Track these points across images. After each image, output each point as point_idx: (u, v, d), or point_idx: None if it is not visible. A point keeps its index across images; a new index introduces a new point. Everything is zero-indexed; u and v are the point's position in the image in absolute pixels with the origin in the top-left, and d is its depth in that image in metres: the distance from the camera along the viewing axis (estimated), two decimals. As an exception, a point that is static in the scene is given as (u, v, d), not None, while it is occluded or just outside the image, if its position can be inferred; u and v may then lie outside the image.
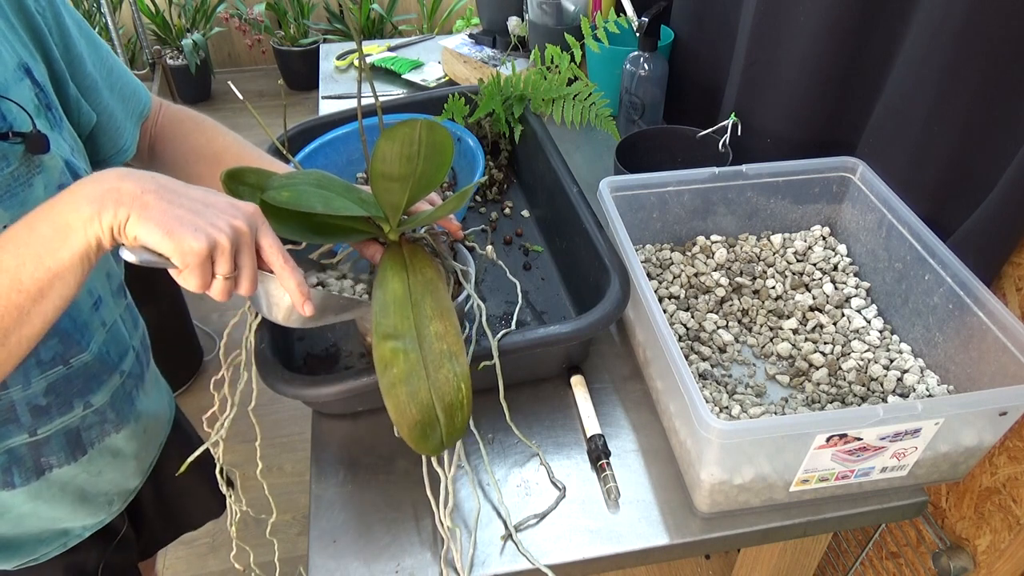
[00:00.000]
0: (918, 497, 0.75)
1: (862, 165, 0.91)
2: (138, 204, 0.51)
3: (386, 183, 0.64)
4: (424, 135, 0.61)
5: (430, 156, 0.63)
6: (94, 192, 0.52)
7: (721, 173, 0.92)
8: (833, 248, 0.96)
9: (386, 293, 0.67)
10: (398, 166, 0.62)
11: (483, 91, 1.16)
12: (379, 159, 0.62)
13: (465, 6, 3.31)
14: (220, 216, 0.54)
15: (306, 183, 0.67)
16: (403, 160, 0.62)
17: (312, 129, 1.09)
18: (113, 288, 0.75)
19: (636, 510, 0.73)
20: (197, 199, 0.54)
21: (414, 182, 0.65)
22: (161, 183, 0.53)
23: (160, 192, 0.53)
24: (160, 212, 0.52)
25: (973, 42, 0.74)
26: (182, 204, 0.53)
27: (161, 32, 3.31)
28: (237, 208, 0.56)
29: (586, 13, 1.37)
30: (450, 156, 0.64)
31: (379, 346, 0.64)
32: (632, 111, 1.23)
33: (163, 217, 0.52)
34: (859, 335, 0.86)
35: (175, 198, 0.53)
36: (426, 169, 0.64)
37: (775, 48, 0.99)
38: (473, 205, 1.15)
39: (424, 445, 0.62)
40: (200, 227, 0.52)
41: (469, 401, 0.64)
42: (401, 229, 0.71)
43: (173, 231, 0.51)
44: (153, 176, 0.54)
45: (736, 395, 0.80)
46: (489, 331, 0.72)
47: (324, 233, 0.69)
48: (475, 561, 0.69)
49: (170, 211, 0.52)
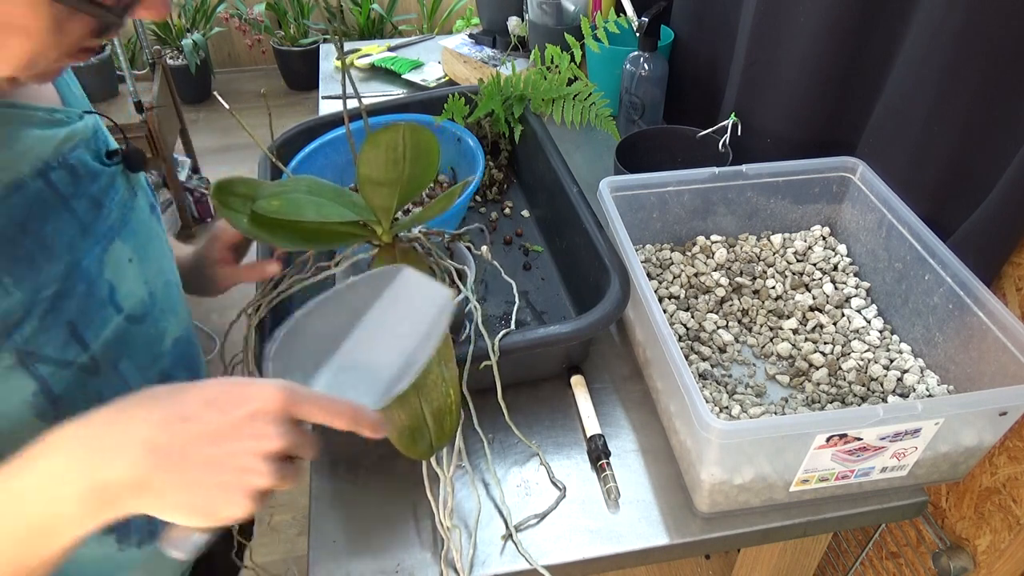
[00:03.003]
0: (918, 497, 0.75)
1: (862, 165, 0.91)
2: (144, 495, 0.42)
3: (374, 187, 0.64)
4: (408, 138, 0.60)
5: (416, 158, 0.63)
6: (75, 488, 0.42)
7: (721, 173, 0.92)
8: (833, 248, 0.96)
9: None
10: (384, 171, 0.62)
11: (483, 91, 1.15)
12: (365, 164, 0.61)
13: (465, 6, 3.31)
14: (244, 451, 0.43)
15: (297, 190, 0.67)
16: (389, 164, 0.62)
17: (312, 129, 1.09)
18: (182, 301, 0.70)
19: (636, 510, 0.73)
20: (209, 436, 0.43)
21: (402, 185, 0.65)
22: (156, 442, 0.42)
23: (163, 465, 0.42)
24: (176, 495, 0.43)
25: (973, 42, 0.74)
26: (195, 466, 0.42)
27: (161, 32, 3.31)
28: (256, 416, 0.44)
29: (586, 13, 1.37)
30: (436, 156, 0.64)
31: None
32: (632, 111, 1.23)
33: (182, 498, 0.43)
34: (859, 335, 0.86)
35: (184, 463, 0.42)
36: (413, 171, 0.64)
37: (775, 48, 0.99)
38: (473, 205, 1.15)
39: (413, 450, 0.63)
40: (229, 486, 0.43)
41: (458, 406, 0.64)
42: (394, 231, 0.71)
43: (202, 511, 0.43)
44: (141, 431, 0.43)
45: (736, 395, 0.80)
46: (486, 332, 0.72)
47: (317, 240, 0.69)
48: (475, 561, 0.69)
49: (188, 488, 0.43)
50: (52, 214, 0.52)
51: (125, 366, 0.58)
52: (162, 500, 0.43)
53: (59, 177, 0.53)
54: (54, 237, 0.52)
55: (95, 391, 0.55)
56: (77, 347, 0.54)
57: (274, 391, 0.45)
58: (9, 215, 0.49)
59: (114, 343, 0.57)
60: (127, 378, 0.59)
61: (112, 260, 0.57)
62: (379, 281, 0.60)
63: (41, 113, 0.53)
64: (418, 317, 0.59)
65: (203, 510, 0.43)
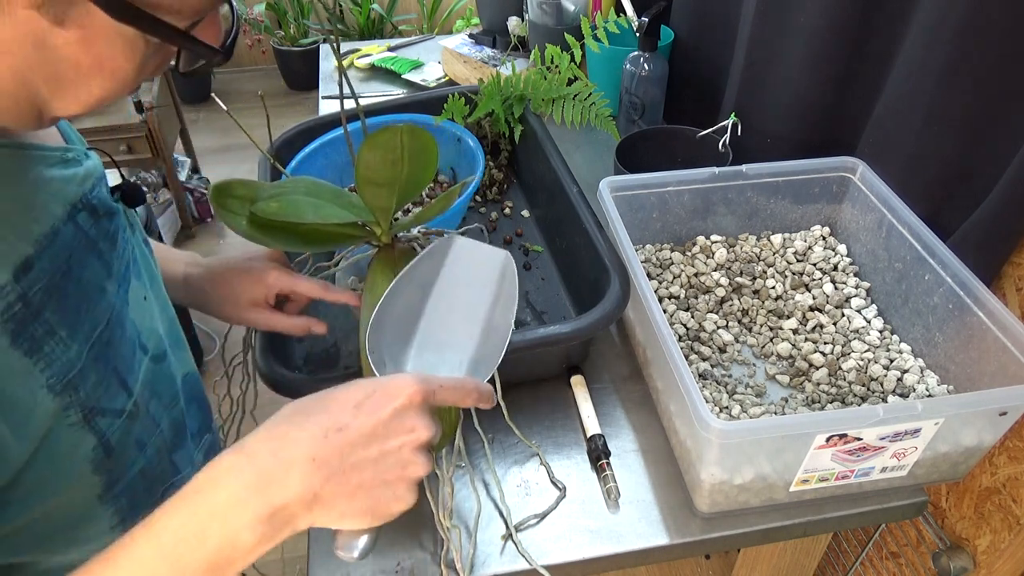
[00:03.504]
0: (918, 497, 0.75)
1: (862, 165, 0.91)
2: (316, 508, 0.43)
3: (373, 188, 0.64)
4: (406, 139, 0.60)
5: (414, 159, 0.62)
6: (252, 515, 0.42)
7: (721, 173, 0.92)
8: (833, 248, 0.96)
9: (376, 298, 0.67)
10: (383, 172, 0.62)
11: (483, 91, 1.16)
12: (363, 166, 0.61)
13: (465, 6, 3.30)
14: (399, 446, 0.45)
15: (295, 192, 0.67)
16: (387, 165, 0.62)
17: (312, 129, 1.09)
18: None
19: (636, 510, 0.73)
20: (365, 440, 0.44)
21: (401, 185, 0.64)
22: (319, 456, 0.43)
23: (330, 476, 0.43)
24: (345, 502, 0.44)
25: (973, 42, 0.74)
26: (358, 470, 0.44)
27: (161, 32, 3.31)
28: (402, 412, 0.45)
29: (586, 13, 1.37)
30: (435, 157, 0.64)
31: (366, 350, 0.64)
32: (632, 111, 1.23)
33: (352, 504, 0.44)
34: (859, 335, 0.86)
35: (348, 470, 0.43)
36: (412, 172, 0.63)
37: (775, 48, 0.99)
38: (473, 205, 1.15)
39: None
40: (393, 483, 0.45)
41: (457, 408, 0.64)
42: (393, 232, 0.71)
43: (372, 512, 0.45)
44: (302, 448, 0.43)
45: (736, 395, 0.80)
46: None
47: (316, 241, 0.69)
48: (475, 561, 0.69)
49: (355, 493, 0.44)
50: (85, 258, 0.51)
51: (155, 407, 0.58)
52: (334, 510, 0.44)
53: (83, 219, 0.52)
54: (90, 282, 0.51)
55: (136, 437, 0.55)
56: (125, 395, 0.53)
57: (412, 384, 0.46)
58: (54, 264, 0.48)
59: (147, 385, 0.56)
60: (158, 420, 0.58)
61: (133, 300, 0.56)
62: (437, 255, 0.61)
63: (56, 153, 0.52)
64: (481, 282, 0.60)
65: (372, 511, 0.45)
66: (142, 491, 0.57)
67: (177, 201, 2.49)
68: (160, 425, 0.58)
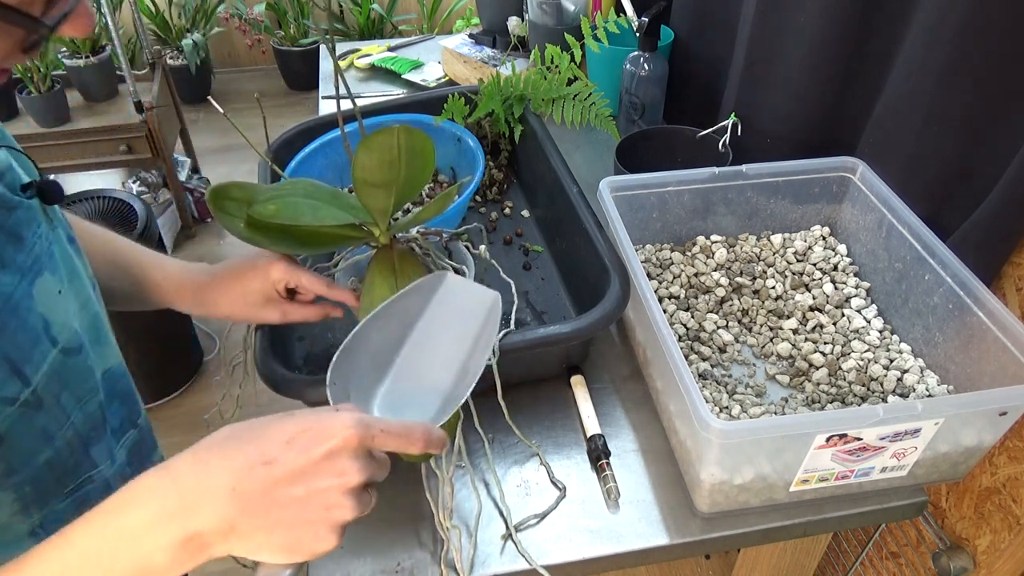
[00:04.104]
0: (918, 497, 0.75)
1: (862, 165, 0.91)
2: (232, 539, 0.43)
3: (371, 189, 0.64)
4: (402, 140, 0.60)
5: (411, 160, 0.62)
6: (168, 539, 0.42)
7: (721, 173, 0.92)
8: (833, 248, 0.96)
9: (373, 300, 0.67)
10: (380, 173, 0.62)
11: (483, 91, 1.16)
12: (360, 168, 0.61)
13: (465, 6, 3.30)
14: (327, 488, 0.44)
15: (293, 194, 0.66)
16: (384, 167, 0.62)
17: (312, 129, 1.09)
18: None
19: (636, 510, 0.73)
20: (291, 478, 0.43)
21: (399, 186, 0.64)
22: (241, 489, 0.42)
23: (248, 508, 0.42)
24: (263, 536, 0.43)
25: (973, 42, 0.74)
26: (279, 507, 0.43)
27: (161, 32, 3.31)
28: (335, 453, 0.44)
29: (586, 13, 1.37)
30: (432, 157, 0.64)
31: None
32: (632, 111, 1.23)
33: (270, 538, 0.43)
34: (859, 335, 0.86)
35: (269, 505, 0.43)
36: (409, 173, 0.63)
37: (775, 48, 0.99)
38: (473, 205, 1.15)
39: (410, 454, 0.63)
40: (315, 523, 0.44)
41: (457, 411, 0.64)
42: (391, 232, 0.71)
43: (290, 549, 0.44)
44: (225, 478, 0.43)
45: (736, 395, 0.80)
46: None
47: (314, 243, 0.69)
48: (475, 561, 0.69)
49: (274, 528, 0.43)
50: None
51: (66, 399, 0.58)
52: (250, 542, 0.43)
53: None
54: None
55: (40, 426, 0.55)
56: (19, 383, 0.53)
57: (349, 426, 0.45)
58: None
59: (53, 377, 0.56)
60: (69, 412, 0.58)
61: (42, 293, 0.56)
62: (424, 290, 0.60)
63: None
64: (466, 322, 0.59)
65: (291, 548, 0.44)
66: (51, 481, 0.57)
67: (177, 201, 2.49)
68: (71, 417, 0.58)
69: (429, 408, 0.55)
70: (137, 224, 1.87)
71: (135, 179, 2.47)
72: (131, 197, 1.95)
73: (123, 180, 2.49)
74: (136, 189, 2.43)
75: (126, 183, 2.47)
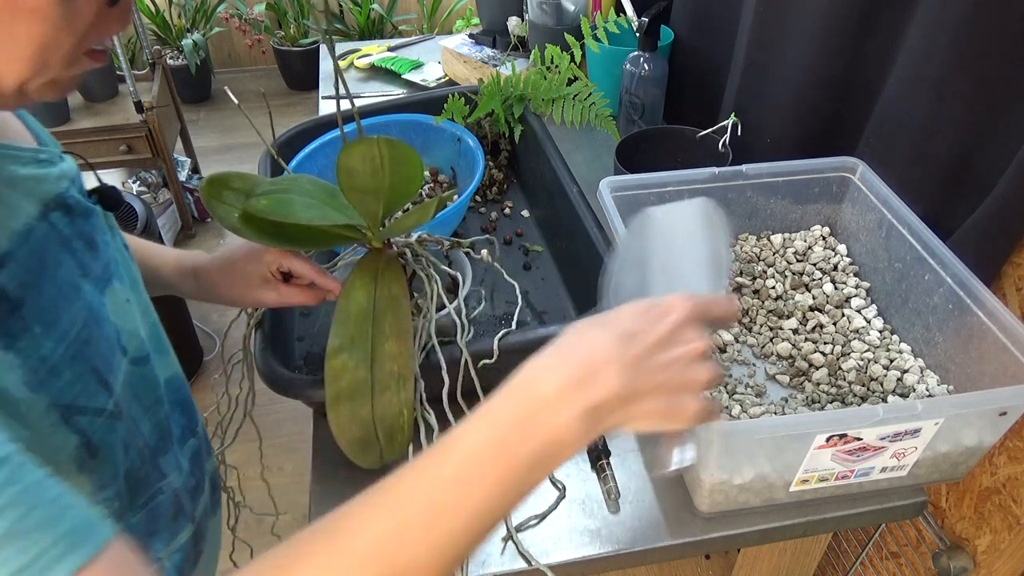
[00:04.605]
0: (918, 497, 0.75)
1: (862, 165, 0.91)
2: (627, 406, 0.45)
3: (358, 195, 0.64)
4: (384, 151, 0.60)
5: (396, 169, 0.62)
6: (576, 409, 0.44)
7: (721, 173, 0.92)
8: (833, 248, 0.96)
9: (349, 303, 0.66)
10: (364, 180, 0.62)
11: (483, 91, 1.16)
12: (343, 172, 0.61)
13: (465, 6, 3.30)
14: (686, 352, 0.47)
15: (290, 190, 0.66)
16: (367, 174, 0.62)
17: (312, 129, 1.09)
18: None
19: (636, 510, 0.73)
20: (657, 345, 0.46)
21: (386, 193, 0.64)
22: (622, 359, 0.45)
23: (633, 375, 0.45)
24: (650, 398, 0.45)
25: (973, 42, 0.74)
26: (657, 368, 0.46)
27: (161, 32, 3.31)
28: (681, 323, 0.47)
29: (586, 13, 1.37)
30: (418, 167, 0.64)
31: (332, 356, 0.64)
32: (632, 111, 1.23)
33: (654, 403, 0.46)
34: (859, 335, 0.86)
35: (650, 369, 0.46)
36: (394, 180, 0.63)
37: (775, 48, 0.99)
38: (473, 205, 1.15)
39: (362, 459, 0.64)
40: (686, 384, 0.46)
41: (410, 425, 0.64)
42: (383, 235, 0.70)
43: (671, 411, 0.46)
44: (604, 354, 0.45)
45: (736, 395, 0.80)
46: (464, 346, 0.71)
47: (307, 240, 0.69)
48: (475, 561, 0.69)
49: (657, 391, 0.46)
50: (59, 256, 0.51)
51: (135, 410, 0.58)
52: (639, 407, 0.45)
53: (57, 218, 0.52)
54: (65, 280, 0.51)
55: (120, 437, 0.55)
56: (105, 394, 0.53)
57: (685, 301, 0.48)
58: (29, 260, 0.48)
59: (127, 387, 0.56)
60: (138, 422, 0.58)
61: (113, 302, 0.56)
62: (636, 235, 0.60)
63: (29, 154, 0.51)
64: (693, 235, 0.59)
65: (672, 410, 0.46)
66: (127, 493, 0.57)
67: (177, 201, 2.49)
68: (140, 427, 0.58)
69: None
70: (137, 224, 1.87)
71: (135, 179, 2.47)
72: (131, 197, 1.95)
73: (123, 180, 2.49)
74: (136, 189, 2.43)
75: (126, 183, 2.47)
